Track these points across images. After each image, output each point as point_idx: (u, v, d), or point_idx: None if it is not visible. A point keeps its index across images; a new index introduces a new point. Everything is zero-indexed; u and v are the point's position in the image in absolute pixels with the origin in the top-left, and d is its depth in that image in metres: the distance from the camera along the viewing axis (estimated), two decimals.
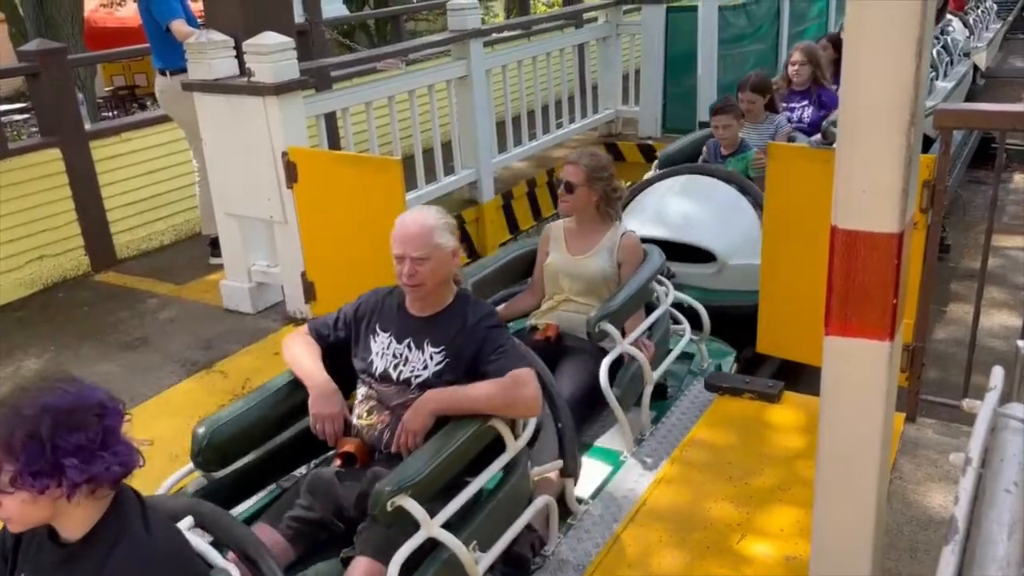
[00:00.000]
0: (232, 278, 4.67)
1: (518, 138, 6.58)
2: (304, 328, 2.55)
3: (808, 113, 5.53)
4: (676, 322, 3.60)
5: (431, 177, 5.60)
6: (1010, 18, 17.92)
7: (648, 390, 3.17)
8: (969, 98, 10.77)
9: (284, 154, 4.13)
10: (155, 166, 5.67)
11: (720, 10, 7.34)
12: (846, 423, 1.69)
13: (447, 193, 5.77)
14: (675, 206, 4.68)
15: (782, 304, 3.46)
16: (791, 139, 4.92)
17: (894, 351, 1.61)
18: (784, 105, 5.60)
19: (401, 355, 2.36)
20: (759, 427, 3.25)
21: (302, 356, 2.43)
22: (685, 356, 3.64)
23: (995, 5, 15.47)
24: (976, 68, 12.49)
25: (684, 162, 5.22)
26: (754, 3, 8.92)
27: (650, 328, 3.28)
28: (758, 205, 4.42)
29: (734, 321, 3.92)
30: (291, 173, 4.12)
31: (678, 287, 3.64)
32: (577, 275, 3.24)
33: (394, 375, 2.35)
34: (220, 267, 4.85)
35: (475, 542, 2.15)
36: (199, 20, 4.95)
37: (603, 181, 3.21)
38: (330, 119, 5.29)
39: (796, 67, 5.55)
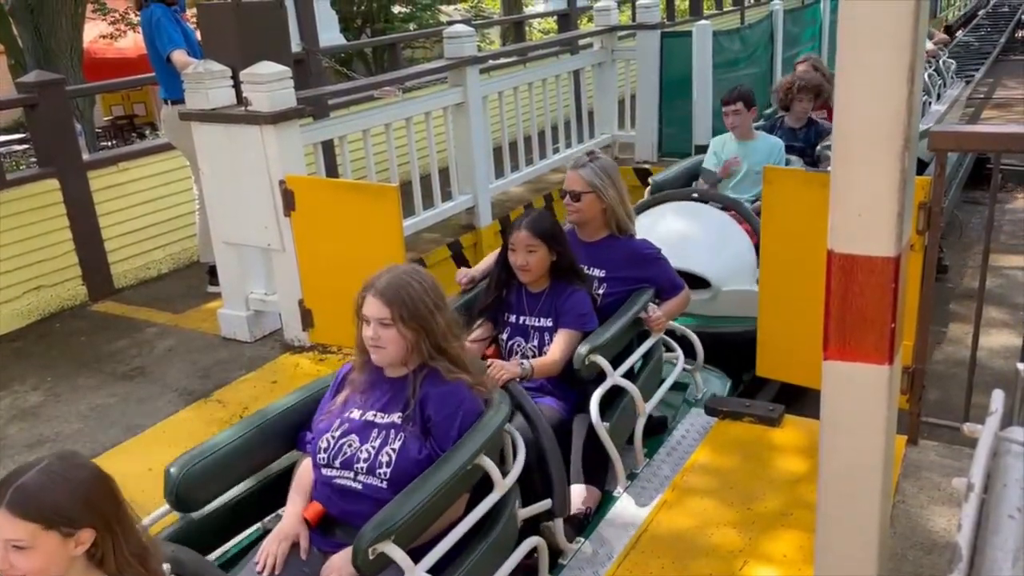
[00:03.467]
0: (230, 306, 4.66)
1: (515, 163, 6.61)
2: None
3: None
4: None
5: (429, 203, 5.62)
6: (1002, 40, 18.01)
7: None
8: None
9: (282, 182, 4.14)
10: (153, 195, 5.69)
11: (714, 35, 7.41)
12: (847, 448, 1.68)
13: (445, 219, 5.78)
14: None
15: (781, 327, 3.45)
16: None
17: (894, 375, 1.60)
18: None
19: None
20: (760, 451, 3.23)
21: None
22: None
23: (953, 62, 11.36)
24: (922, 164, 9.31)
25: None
26: (748, 28, 9.05)
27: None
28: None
29: (731, 348, 3.88)
30: (288, 201, 4.13)
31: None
32: None
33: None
34: (218, 295, 4.84)
35: None
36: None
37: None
38: (327, 147, 5.31)
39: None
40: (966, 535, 1.14)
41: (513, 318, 3.06)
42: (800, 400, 3.61)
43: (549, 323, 3.00)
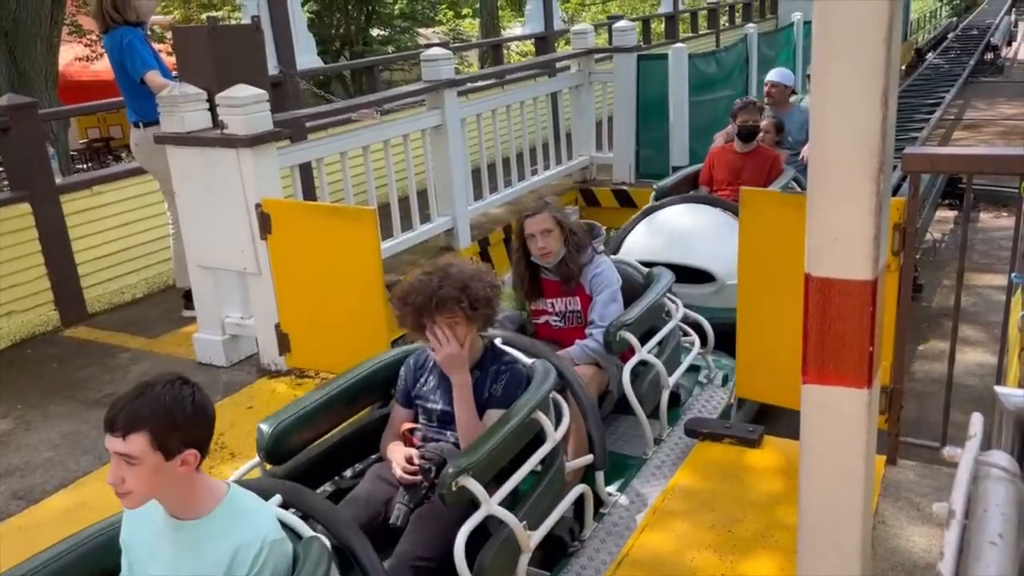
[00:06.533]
0: (205, 331, 4.60)
1: (494, 185, 6.61)
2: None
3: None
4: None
5: (407, 225, 5.60)
6: (972, 62, 18.35)
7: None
8: None
9: (258, 205, 4.11)
10: (127, 219, 5.62)
11: (690, 58, 7.48)
12: (827, 472, 1.67)
13: (424, 241, 5.76)
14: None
15: (759, 349, 3.45)
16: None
17: (872, 398, 1.60)
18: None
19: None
20: (740, 473, 3.22)
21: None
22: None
23: None
24: None
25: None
26: (723, 51, 9.16)
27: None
28: None
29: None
30: (265, 224, 4.10)
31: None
32: None
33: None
34: (193, 320, 4.78)
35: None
36: (172, 72, 4.95)
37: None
38: (305, 169, 5.28)
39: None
40: (948, 563, 1.13)
41: None
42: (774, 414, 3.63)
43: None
